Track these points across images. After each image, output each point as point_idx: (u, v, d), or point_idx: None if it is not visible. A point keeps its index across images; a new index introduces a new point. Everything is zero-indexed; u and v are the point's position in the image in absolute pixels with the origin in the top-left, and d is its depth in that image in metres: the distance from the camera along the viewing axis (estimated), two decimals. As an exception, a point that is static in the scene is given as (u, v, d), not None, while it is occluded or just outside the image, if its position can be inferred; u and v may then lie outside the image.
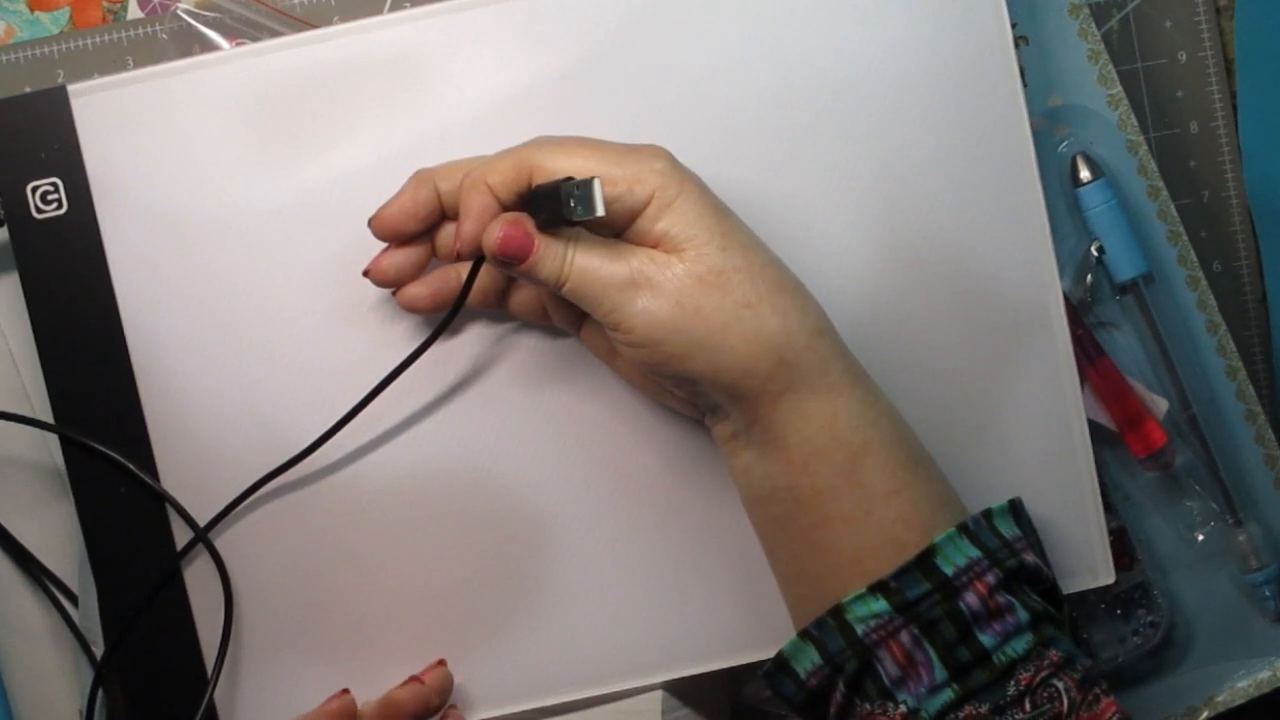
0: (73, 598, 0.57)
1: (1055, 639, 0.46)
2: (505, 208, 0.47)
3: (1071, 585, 0.53)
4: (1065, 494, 0.53)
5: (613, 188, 0.45)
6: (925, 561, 0.46)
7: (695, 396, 0.49)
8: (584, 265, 0.45)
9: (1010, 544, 0.47)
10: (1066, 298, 0.53)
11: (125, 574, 0.54)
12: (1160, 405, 0.57)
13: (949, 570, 0.45)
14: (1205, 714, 0.57)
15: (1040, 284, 0.52)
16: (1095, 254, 0.58)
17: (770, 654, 0.48)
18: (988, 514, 0.48)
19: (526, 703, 0.54)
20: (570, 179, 0.44)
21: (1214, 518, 0.59)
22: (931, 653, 0.45)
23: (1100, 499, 0.53)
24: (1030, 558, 0.47)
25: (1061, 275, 0.54)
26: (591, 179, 0.43)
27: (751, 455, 0.48)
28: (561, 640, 0.54)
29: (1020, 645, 0.45)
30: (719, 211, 0.46)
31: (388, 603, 0.54)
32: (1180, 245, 0.58)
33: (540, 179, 0.46)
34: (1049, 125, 0.58)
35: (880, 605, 0.45)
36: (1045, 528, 0.52)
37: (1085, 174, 0.57)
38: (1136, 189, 0.58)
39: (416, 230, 0.50)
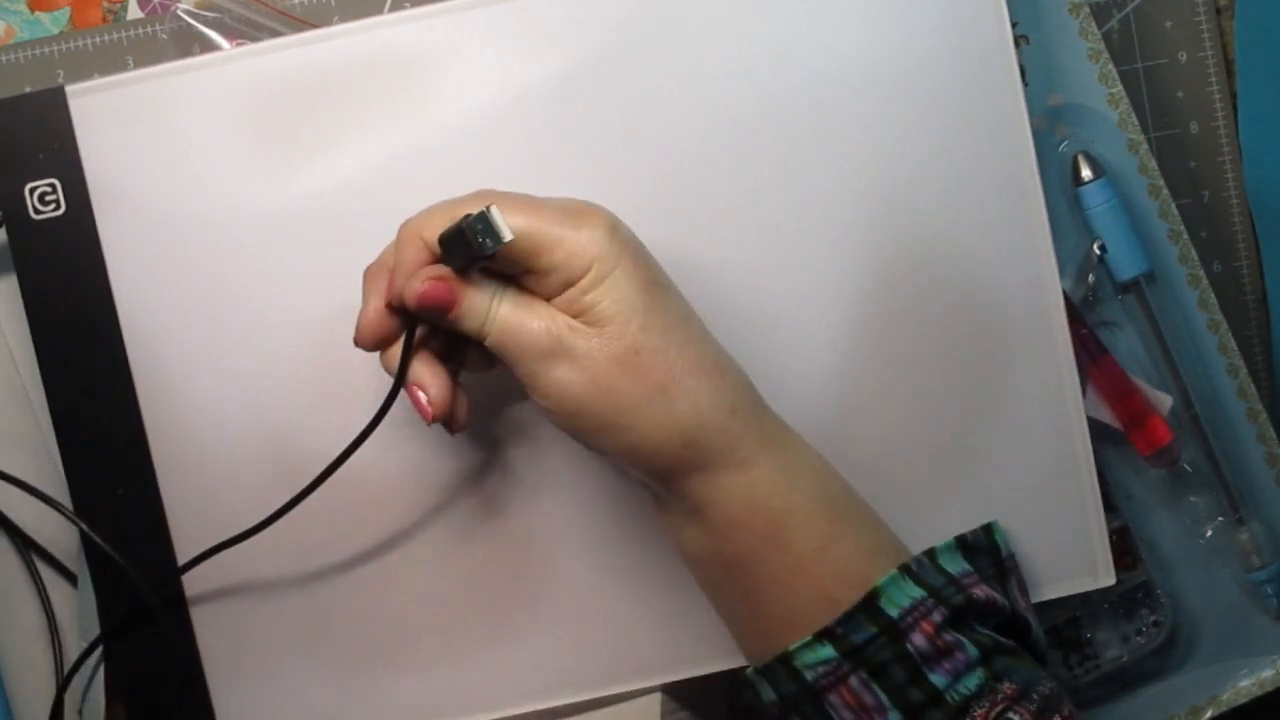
0: (72, 578, 0.57)
1: (1009, 670, 0.46)
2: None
3: (1072, 587, 0.53)
4: (1065, 495, 0.53)
5: (550, 256, 0.44)
6: (870, 605, 0.46)
7: (613, 465, 0.49)
8: (506, 323, 0.45)
9: (957, 580, 0.47)
10: (1068, 297, 0.53)
11: (123, 580, 0.54)
12: (1164, 402, 0.57)
13: (894, 612, 0.45)
14: (1209, 713, 0.57)
15: (1040, 284, 0.52)
16: (1096, 253, 0.58)
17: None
18: (931, 553, 0.48)
19: (526, 705, 0.54)
20: (468, 215, 0.44)
21: (1216, 516, 0.59)
22: (883, 696, 0.45)
23: (1100, 500, 0.53)
24: (980, 592, 0.47)
25: (1063, 274, 0.53)
26: (488, 207, 0.43)
27: (678, 520, 0.48)
28: (561, 643, 0.53)
29: (972, 682, 0.45)
30: (648, 287, 0.46)
31: (388, 604, 0.53)
32: (1181, 244, 0.58)
33: None
34: (1049, 124, 0.58)
35: (827, 652, 0.45)
36: (1045, 529, 0.52)
37: (1086, 173, 0.58)
38: (1137, 188, 0.58)
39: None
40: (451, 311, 0.45)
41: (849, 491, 0.49)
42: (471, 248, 0.43)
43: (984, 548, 0.50)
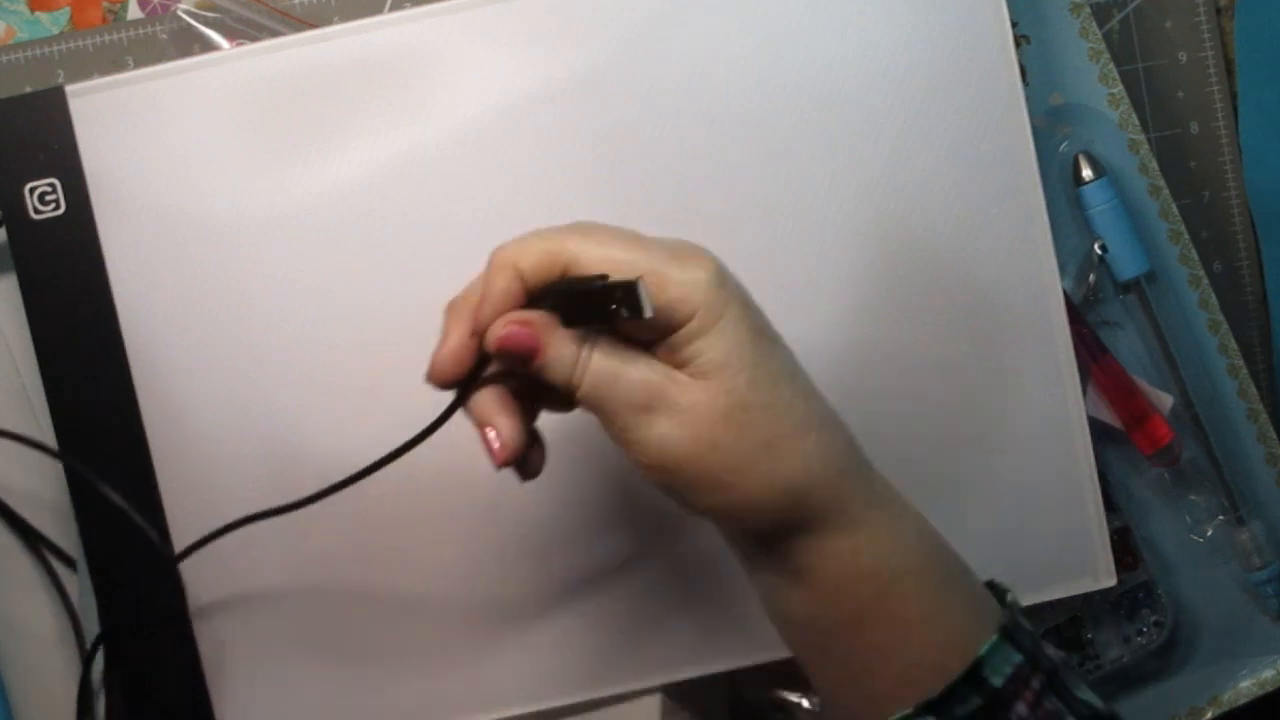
0: (71, 563, 0.57)
1: None
2: (531, 293, 0.43)
3: (1073, 588, 0.53)
4: (1066, 496, 0.53)
5: (655, 298, 0.40)
6: (974, 676, 0.43)
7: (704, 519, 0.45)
8: (601, 374, 0.42)
9: (1036, 637, 0.45)
10: (1068, 297, 0.53)
11: (122, 575, 0.54)
12: (1165, 401, 0.57)
13: (998, 681, 0.43)
14: (1209, 713, 0.57)
15: (1040, 284, 0.52)
16: (1097, 253, 0.58)
17: (770, 657, 0.48)
18: (1007, 601, 0.45)
19: (526, 705, 0.54)
20: (605, 277, 0.41)
21: (1217, 516, 0.59)
22: None
23: (1101, 500, 0.53)
24: (1051, 650, 0.45)
25: (1064, 274, 0.53)
26: (636, 280, 0.39)
27: (774, 580, 0.45)
28: (561, 644, 0.53)
29: None
30: (756, 337, 0.42)
31: (388, 604, 0.53)
32: (1182, 244, 0.58)
33: (575, 273, 0.42)
34: (1050, 124, 0.58)
35: None
36: (1046, 530, 0.52)
37: (1087, 173, 0.58)
38: (1138, 188, 0.58)
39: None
40: (536, 360, 0.42)
41: (953, 554, 0.46)
42: (599, 311, 0.40)
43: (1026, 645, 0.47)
